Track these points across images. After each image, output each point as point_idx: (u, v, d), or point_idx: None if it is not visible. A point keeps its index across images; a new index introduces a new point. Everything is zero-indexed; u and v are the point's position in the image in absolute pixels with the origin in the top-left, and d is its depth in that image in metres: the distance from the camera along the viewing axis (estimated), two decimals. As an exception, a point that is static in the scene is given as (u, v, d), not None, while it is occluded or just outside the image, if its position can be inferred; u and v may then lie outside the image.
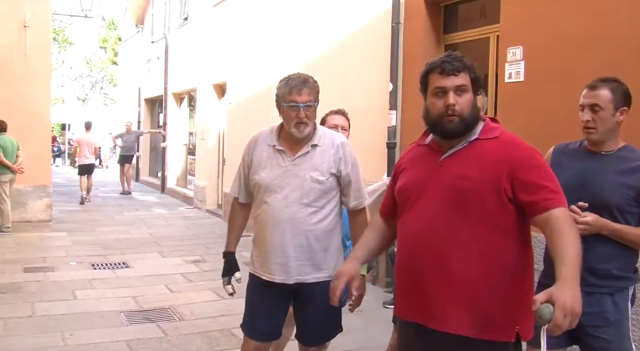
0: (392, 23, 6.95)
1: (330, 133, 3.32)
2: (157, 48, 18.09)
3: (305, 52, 9.11)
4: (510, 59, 5.49)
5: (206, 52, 13.81)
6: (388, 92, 6.97)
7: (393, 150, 6.95)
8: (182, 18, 16.05)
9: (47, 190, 11.59)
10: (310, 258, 3.15)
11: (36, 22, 11.31)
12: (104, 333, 5.31)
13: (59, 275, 7.37)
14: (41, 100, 11.46)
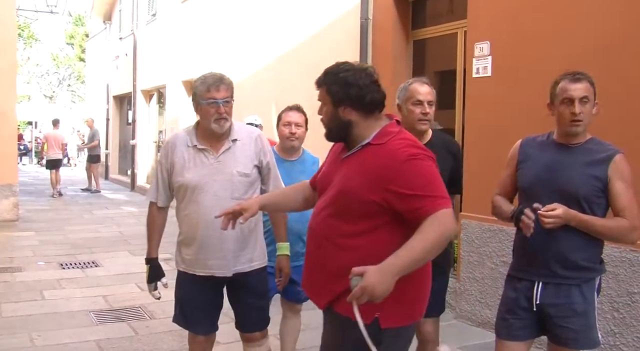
0: (361, 19, 6.97)
1: (246, 127, 3.46)
2: (125, 44, 17.89)
3: (274, 48, 9.09)
4: (478, 54, 5.54)
5: (175, 48, 13.70)
6: (358, 87, 6.98)
7: (363, 146, 6.97)
8: (150, 14, 15.90)
9: (13, 189, 11.39)
10: (246, 248, 3.29)
11: (0, 17, 11.09)
12: (73, 333, 5.24)
13: (26, 275, 7.26)
14: (6, 97, 11.24)
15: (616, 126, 4.12)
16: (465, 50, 5.89)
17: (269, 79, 9.25)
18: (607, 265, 3.12)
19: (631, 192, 2.85)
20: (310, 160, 4.15)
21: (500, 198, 3.17)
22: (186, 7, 13.12)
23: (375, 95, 2.47)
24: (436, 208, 2.23)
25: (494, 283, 5.34)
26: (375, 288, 2.11)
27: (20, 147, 21.87)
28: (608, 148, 2.89)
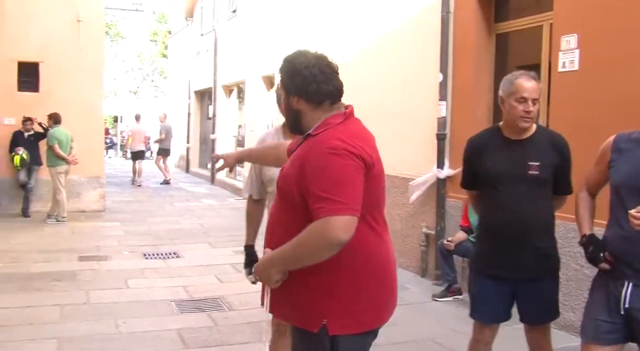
0: (442, 12, 6.84)
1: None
2: (206, 41, 18.27)
3: (356, 42, 9.05)
4: (564, 48, 5.34)
5: (255, 44, 13.88)
6: (438, 82, 6.87)
7: (443, 142, 6.86)
8: (230, 10, 16.17)
9: (100, 181, 11.88)
10: None
11: (89, 17, 11.56)
12: (156, 321, 5.41)
13: (112, 264, 7.55)
14: (94, 93, 11.73)
15: None
16: (550, 44, 5.68)
17: (348, 76, 9.21)
18: None
19: None
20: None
21: (584, 206, 3.10)
22: (266, 2, 13.26)
23: (323, 85, 2.41)
24: (328, 213, 2.14)
25: (578, 285, 5.16)
26: (260, 275, 2.41)
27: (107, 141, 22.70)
28: None
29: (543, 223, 3.34)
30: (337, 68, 2.54)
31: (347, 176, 2.21)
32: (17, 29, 11.08)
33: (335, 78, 2.48)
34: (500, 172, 3.34)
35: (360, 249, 2.32)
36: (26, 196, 10.94)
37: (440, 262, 6.50)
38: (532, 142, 3.32)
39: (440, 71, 6.85)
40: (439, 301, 6.20)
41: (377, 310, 2.43)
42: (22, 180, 10.90)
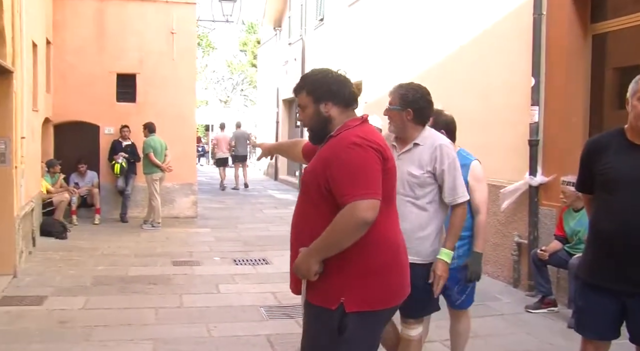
0: (534, 14, 6.63)
1: (434, 136, 3.64)
2: (294, 49, 18.53)
3: (441, 48, 8.93)
4: (669, 48, 5.06)
5: (342, 51, 13.95)
6: (530, 87, 6.66)
7: (535, 148, 6.64)
8: (318, 19, 16.33)
9: (192, 188, 12.25)
10: (412, 242, 3.35)
11: (182, 29, 11.98)
12: (246, 326, 5.51)
13: (203, 269, 7.75)
14: (187, 102, 12.14)
15: None
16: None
17: (436, 80, 9.10)
18: None
19: None
20: (462, 162, 3.81)
21: None
22: (353, 10, 13.32)
23: (354, 90, 2.78)
24: (354, 198, 2.45)
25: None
26: (298, 267, 2.64)
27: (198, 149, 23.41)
28: None
29: None
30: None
31: (368, 165, 2.54)
32: (117, 43, 11.62)
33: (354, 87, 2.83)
34: (617, 177, 3.10)
35: (372, 234, 2.56)
36: (124, 202, 11.43)
37: (533, 272, 6.28)
38: None
39: (533, 75, 6.64)
40: (533, 313, 5.99)
41: (386, 291, 2.69)
42: (120, 187, 11.40)
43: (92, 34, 11.54)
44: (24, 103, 7.55)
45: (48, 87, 10.74)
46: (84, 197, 11.17)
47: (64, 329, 5.34)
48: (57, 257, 8.16)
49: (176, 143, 11.42)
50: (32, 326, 5.37)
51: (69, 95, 11.27)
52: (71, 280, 6.97)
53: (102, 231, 10.31)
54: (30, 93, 8.39)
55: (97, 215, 11.09)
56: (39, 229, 9.17)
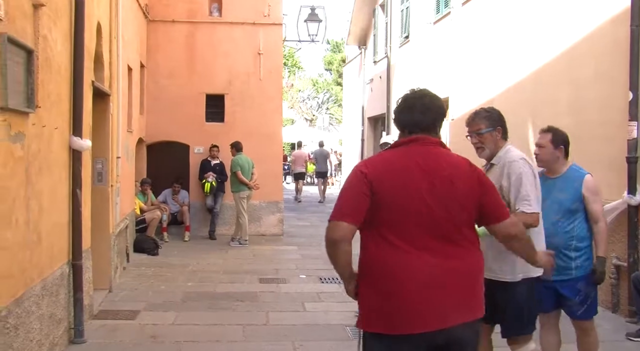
0: (632, 26, 6.33)
1: (510, 154, 3.80)
2: (379, 67, 18.52)
3: (529, 63, 8.68)
4: None
5: (427, 68, 13.82)
6: (627, 101, 6.35)
7: (634, 165, 6.31)
8: (402, 36, 16.27)
9: (279, 206, 12.39)
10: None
11: (269, 49, 12.23)
12: (331, 345, 5.48)
13: (290, 287, 7.79)
14: (274, 120, 12.34)
15: None
16: None
17: (525, 95, 8.86)
18: None
19: None
20: (574, 177, 4.24)
21: None
22: (437, 27, 13.18)
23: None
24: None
25: None
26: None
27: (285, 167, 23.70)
28: None
29: None
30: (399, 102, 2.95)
31: (347, 188, 2.76)
32: (206, 65, 12.00)
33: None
34: None
35: (366, 259, 2.76)
36: (212, 220, 11.69)
37: (634, 297, 5.94)
38: None
39: (630, 89, 6.33)
40: (635, 341, 5.65)
41: (382, 316, 2.64)
42: (209, 205, 11.69)
43: (183, 57, 11.96)
44: (119, 124, 7.89)
45: (142, 109, 11.19)
46: (174, 214, 11.52)
47: (155, 343, 5.49)
48: (150, 273, 8.42)
49: (263, 162, 11.61)
50: (126, 340, 5.55)
51: (161, 116, 11.70)
52: (162, 296, 7.17)
53: (192, 248, 10.58)
54: (125, 114, 8.76)
55: (187, 232, 11.40)
56: (133, 245, 9.51)
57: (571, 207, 4.16)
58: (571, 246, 4.15)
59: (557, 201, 4.16)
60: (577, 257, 4.16)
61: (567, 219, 4.16)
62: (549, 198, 4.13)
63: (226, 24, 12.18)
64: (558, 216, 4.14)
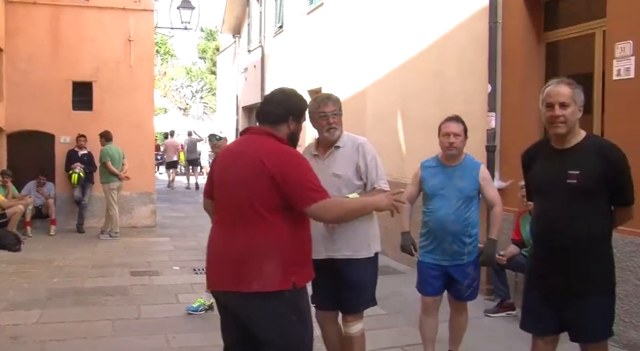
0: (490, 22, 6.74)
1: (352, 137, 3.99)
2: (253, 56, 18.48)
3: (398, 55, 9.01)
4: (619, 55, 5.19)
5: (301, 58, 13.97)
6: (487, 93, 6.76)
7: (493, 154, 6.73)
8: (277, 26, 16.33)
9: (151, 197, 12.09)
10: (338, 239, 3.86)
11: (140, 36, 11.85)
12: (205, 336, 5.42)
13: (162, 279, 7.64)
14: (145, 110, 11.99)
15: None
16: (604, 51, 5.53)
17: (394, 87, 9.19)
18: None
19: None
20: (471, 165, 4.45)
21: None
22: (311, 18, 13.35)
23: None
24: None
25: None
26: None
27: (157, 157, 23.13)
28: None
29: (588, 236, 3.18)
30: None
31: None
32: (72, 51, 11.44)
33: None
34: (542, 182, 3.34)
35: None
36: (80, 212, 11.20)
37: (492, 277, 6.35)
38: (576, 151, 3.23)
39: (489, 82, 6.74)
40: (492, 316, 6.06)
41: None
42: (77, 197, 11.17)
43: (46, 42, 11.35)
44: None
45: (0, 96, 10.48)
46: (38, 207, 10.90)
47: (16, 345, 5.19)
48: (11, 270, 7.95)
49: (134, 152, 11.26)
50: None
51: (22, 104, 11.03)
52: (25, 294, 6.79)
53: (58, 242, 10.08)
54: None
55: (53, 226, 10.85)
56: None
57: (470, 194, 4.35)
58: (467, 232, 4.35)
59: (458, 188, 4.33)
60: (470, 242, 4.37)
61: (466, 206, 4.33)
62: (449, 185, 4.34)
63: (94, 9, 11.66)
64: (459, 203, 4.32)
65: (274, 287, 2.89)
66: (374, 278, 4.01)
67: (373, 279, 4.00)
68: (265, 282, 2.88)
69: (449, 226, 4.27)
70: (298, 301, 2.98)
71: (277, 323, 2.93)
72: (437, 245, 4.38)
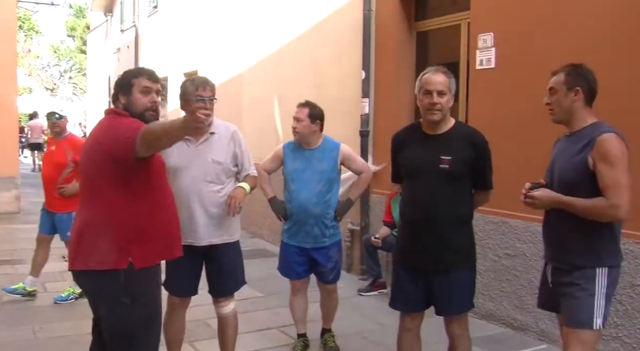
0: (364, 10, 6.91)
1: (224, 124, 3.97)
2: (126, 37, 17.84)
3: (275, 41, 9.04)
4: (481, 46, 5.50)
5: (177, 40, 13.65)
6: (361, 79, 6.94)
7: (366, 139, 6.94)
8: (152, 6, 15.84)
9: (15, 182, 11.38)
10: (217, 225, 3.84)
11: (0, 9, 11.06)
12: (75, 325, 5.22)
13: (28, 268, 7.23)
14: (6, 88, 11.22)
15: (618, 118, 4.09)
16: (468, 42, 5.84)
17: (271, 72, 9.21)
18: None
19: (613, 172, 2.90)
20: (330, 147, 4.51)
21: None
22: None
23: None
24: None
25: (497, 276, 5.33)
26: None
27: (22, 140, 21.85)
28: (596, 131, 3.04)
29: (455, 216, 3.41)
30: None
31: None
32: None
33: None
34: (414, 166, 3.47)
35: None
36: None
37: (365, 257, 6.58)
38: (447, 137, 3.42)
39: (363, 68, 6.93)
40: (365, 295, 6.28)
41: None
42: None
43: None
44: None
45: None
46: None
47: None
48: None
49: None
50: None
51: None
52: None
53: None
54: None
55: None
56: None
57: (331, 175, 4.44)
58: (329, 215, 4.45)
59: (318, 171, 4.42)
60: (332, 225, 4.48)
61: (327, 189, 4.43)
62: (309, 168, 4.42)
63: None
64: (319, 185, 4.40)
65: (107, 266, 2.87)
66: (242, 259, 4.08)
67: (242, 260, 4.07)
68: (99, 260, 2.87)
69: (311, 209, 4.36)
70: (135, 282, 2.92)
71: (107, 303, 2.94)
72: (299, 227, 4.46)
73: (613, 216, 2.94)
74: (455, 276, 3.43)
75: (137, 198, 2.94)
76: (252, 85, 9.78)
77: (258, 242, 8.93)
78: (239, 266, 4.01)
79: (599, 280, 2.98)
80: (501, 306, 5.30)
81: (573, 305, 3.00)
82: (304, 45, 8.30)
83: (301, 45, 8.36)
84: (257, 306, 5.83)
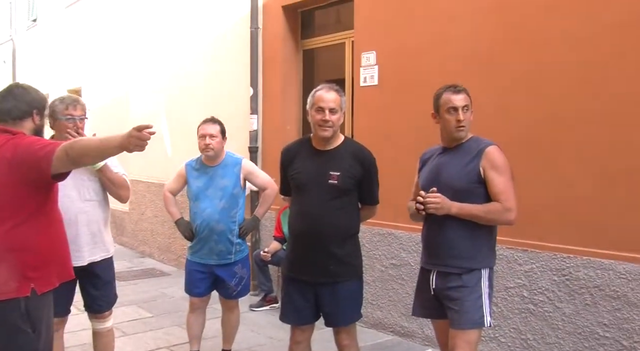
0: (251, 28, 6.98)
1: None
2: (3, 51, 16.98)
3: (166, 56, 8.92)
4: (365, 64, 5.71)
5: (59, 55, 13.15)
6: (249, 96, 7.00)
7: (255, 155, 6.98)
8: (30, 19, 15.19)
9: None
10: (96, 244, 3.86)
11: None
12: None
13: None
14: None
15: (486, 131, 4.39)
16: (353, 60, 6.04)
17: (160, 89, 9.08)
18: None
19: (503, 179, 3.14)
20: (232, 162, 4.54)
21: (410, 203, 3.50)
22: (70, 12, 12.62)
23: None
24: None
25: (384, 285, 5.51)
26: None
27: None
28: (481, 144, 3.23)
29: (342, 230, 3.51)
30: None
31: None
32: None
33: None
34: (303, 179, 3.53)
35: None
36: None
37: (256, 272, 6.59)
38: (336, 153, 3.52)
39: (251, 85, 6.98)
40: (256, 311, 6.29)
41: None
42: None
43: None
44: None
45: None
46: None
47: None
48: None
49: None
50: None
51: None
52: None
53: None
54: None
55: None
56: None
57: (233, 191, 4.42)
58: (234, 231, 4.44)
59: (221, 187, 4.40)
60: (237, 243, 4.47)
61: (231, 205, 4.40)
62: (212, 185, 4.41)
63: None
64: (222, 202, 4.38)
65: (8, 295, 2.68)
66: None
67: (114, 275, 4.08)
68: (0, 290, 2.67)
69: (214, 226, 4.35)
70: (38, 309, 2.77)
71: (7, 334, 2.71)
72: (203, 244, 4.44)
73: (506, 218, 3.16)
74: (343, 288, 3.51)
75: (43, 222, 2.82)
76: (141, 102, 9.59)
77: (148, 261, 8.73)
78: (113, 281, 4.05)
79: (484, 281, 3.19)
80: (389, 315, 5.48)
81: (464, 306, 3.15)
82: (196, 61, 8.24)
83: (193, 61, 8.30)
84: (147, 327, 5.70)
